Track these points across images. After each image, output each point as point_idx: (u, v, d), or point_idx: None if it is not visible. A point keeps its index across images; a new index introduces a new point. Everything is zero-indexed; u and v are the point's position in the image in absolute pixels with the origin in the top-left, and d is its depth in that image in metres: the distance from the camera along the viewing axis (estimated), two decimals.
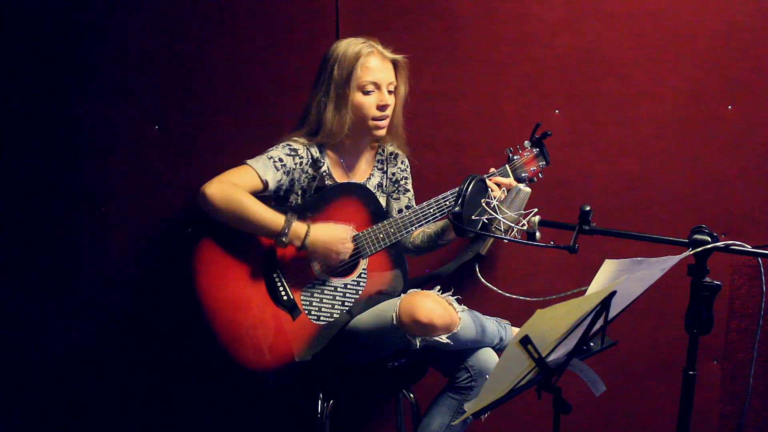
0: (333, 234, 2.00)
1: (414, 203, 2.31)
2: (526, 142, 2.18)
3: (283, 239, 1.95)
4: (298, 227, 1.97)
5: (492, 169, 2.14)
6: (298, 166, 2.07)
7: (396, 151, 2.28)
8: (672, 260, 1.41)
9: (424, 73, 2.45)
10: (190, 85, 2.45)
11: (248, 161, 2.01)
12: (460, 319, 1.97)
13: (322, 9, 2.43)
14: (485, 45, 2.45)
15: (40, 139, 2.45)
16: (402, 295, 2.03)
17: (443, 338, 1.94)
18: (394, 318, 1.94)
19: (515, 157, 2.16)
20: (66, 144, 2.46)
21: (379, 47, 2.10)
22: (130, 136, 2.46)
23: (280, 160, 2.04)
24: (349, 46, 2.07)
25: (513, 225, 1.70)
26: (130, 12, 2.42)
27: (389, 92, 2.10)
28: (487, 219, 1.75)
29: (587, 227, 1.55)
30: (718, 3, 2.40)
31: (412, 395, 2.21)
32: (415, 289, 2.06)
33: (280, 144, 2.08)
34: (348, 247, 2.02)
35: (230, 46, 2.44)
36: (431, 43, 2.45)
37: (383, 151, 2.27)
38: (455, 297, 2.02)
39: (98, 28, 2.42)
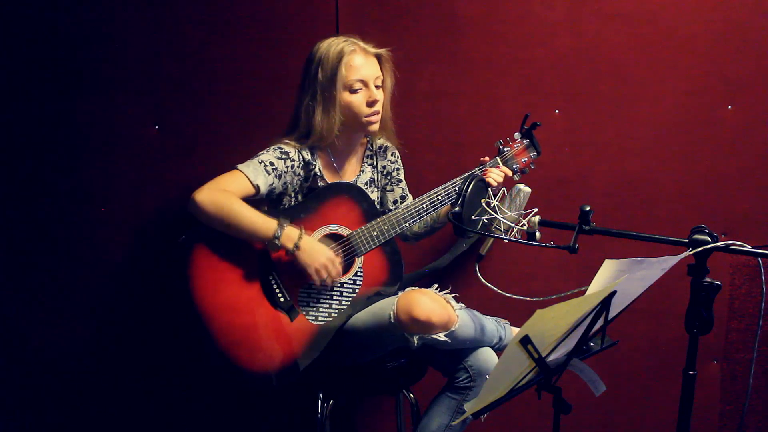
0: (323, 249, 1.99)
1: (408, 193, 2.31)
2: (516, 133, 2.19)
3: (276, 242, 1.94)
4: (291, 230, 1.96)
5: (484, 158, 2.15)
6: (289, 169, 2.06)
7: (385, 144, 2.27)
8: (672, 260, 1.41)
9: (424, 73, 2.45)
10: (190, 85, 2.45)
11: (239, 166, 2.00)
12: (458, 317, 1.97)
13: (322, 9, 2.43)
14: (485, 45, 2.45)
15: (40, 139, 2.45)
16: (399, 292, 2.03)
17: (441, 336, 1.94)
18: (392, 316, 1.94)
19: (506, 149, 2.17)
20: (66, 144, 2.46)
21: (361, 43, 2.07)
22: (130, 136, 2.46)
23: (271, 164, 2.02)
24: (330, 46, 2.04)
25: (513, 225, 1.70)
26: (130, 12, 2.42)
27: (377, 87, 2.08)
28: (487, 219, 1.75)
29: (587, 227, 1.55)
30: (718, 3, 2.40)
31: (412, 395, 2.20)
32: (413, 287, 2.05)
33: (271, 147, 2.06)
34: (332, 270, 1.99)
35: (230, 46, 2.44)
36: (431, 43, 2.45)
37: (372, 145, 2.26)
38: (453, 295, 2.02)
39: (98, 28, 2.42)
